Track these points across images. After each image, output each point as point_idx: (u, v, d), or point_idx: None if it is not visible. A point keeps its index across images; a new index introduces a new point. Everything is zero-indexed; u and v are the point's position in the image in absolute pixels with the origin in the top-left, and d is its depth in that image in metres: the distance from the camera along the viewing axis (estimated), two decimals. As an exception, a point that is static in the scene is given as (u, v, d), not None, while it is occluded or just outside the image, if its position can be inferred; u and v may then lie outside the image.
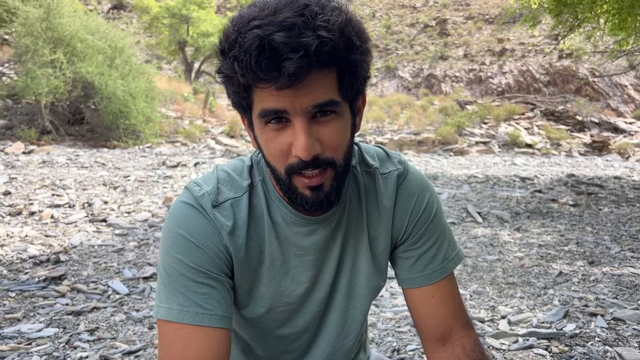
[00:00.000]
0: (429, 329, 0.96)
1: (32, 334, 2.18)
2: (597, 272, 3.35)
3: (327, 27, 0.69)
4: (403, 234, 0.96)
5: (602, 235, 4.45)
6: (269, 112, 0.74)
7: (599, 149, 14.51)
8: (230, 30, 0.72)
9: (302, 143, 0.73)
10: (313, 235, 0.89)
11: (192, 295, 0.81)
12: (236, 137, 12.79)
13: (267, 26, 0.68)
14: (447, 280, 0.96)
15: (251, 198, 0.88)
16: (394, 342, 2.23)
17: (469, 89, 25.54)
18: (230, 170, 0.91)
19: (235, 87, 0.75)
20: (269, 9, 0.70)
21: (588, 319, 2.53)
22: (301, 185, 0.79)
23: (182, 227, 0.83)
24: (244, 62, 0.69)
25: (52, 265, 3.02)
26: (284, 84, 0.69)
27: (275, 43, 0.67)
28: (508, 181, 7.75)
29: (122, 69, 11.86)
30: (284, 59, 0.67)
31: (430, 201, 0.96)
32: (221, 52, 0.74)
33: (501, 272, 3.34)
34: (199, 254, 0.82)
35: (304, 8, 0.69)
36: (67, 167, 7.26)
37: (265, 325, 0.95)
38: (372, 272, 0.96)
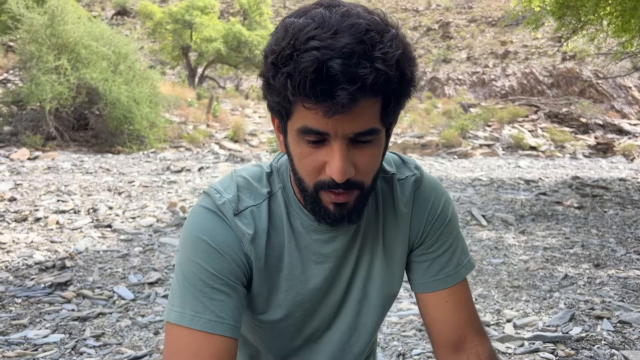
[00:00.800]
0: (442, 336, 0.95)
1: (38, 340, 2.19)
2: (602, 275, 3.34)
3: (384, 59, 0.68)
4: (419, 238, 0.96)
5: (607, 237, 4.43)
6: (311, 132, 0.73)
7: (603, 151, 14.46)
8: (285, 43, 0.70)
9: (339, 167, 0.74)
10: (333, 243, 0.89)
11: (207, 301, 0.80)
12: (240, 142, 12.81)
13: (326, 50, 0.67)
14: (460, 285, 0.96)
15: (270, 205, 0.89)
16: (399, 346, 2.23)
17: (472, 91, 25.52)
18: (249, 177, 0.91)
19: (279, 99, 0.74)
20: (328, 28, 0.69)
21: (594, 322, 2.52)
22: (327, 200, 0.79)
23: (204, 232, 0.83)
24: (297, 82, 0.68)
25: (58, 271, 3.03)
26: (333, 111, 0.69)
27: (334, 71, 0.66)
28: (512, 184, 7.73)
29: (126, 74, 11.92)
30: (340, 88, 0.67)
31: (446, 206, 0.97)
32: (272, 64, 0.72)
33: (506, 275, 3.33)
34: (219, 260, 0.82)
35: (364, 34, 0.68)
36: (71, 173, 7.29)
37: (282, 329, 0.95)
38: (386, 278, 0.96)
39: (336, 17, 0.70)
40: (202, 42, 22.26)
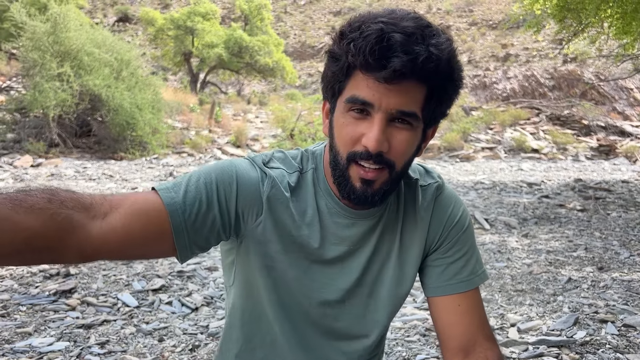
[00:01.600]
0: (452, 340, 0.96)
1: (43, 348, 2.20)
2: (606, 278, 3.34)
3: (438, 47, 0.76)
4: (436, 243, 0.99)
5: (610, 240, 4.43)
6: (358, 100, 0.80)
7: (605, 153, 14.44)
8: (356, 19, 0.80)
9: (375, 136, 0.79)
10: (351, 228, 0.93)
11: (189, 196, 0.81)
12: (242, 147, 12.84)
13: (391, 25, 0.75)
14: (473, 293, 0.98)
15: (299, 179, 0.93)
16: (403, 351, 2.23)
17: (473, 94, 25.52)
18: (287, 153, 0.97)
19: (338, 68, 0.81)
20: (396, 15, 0.78)
21: (598, 326, 2.52)
22: (355, 175, 0.83)
23: (231, 163, 0.89)
24: (359, 45, 0.75)
25: (62, 278, 3.04)
26: (386, 76, 0.75)
27: (393, 40, 0.74)
28: (515, 187, 7.73)
29: (128, 81, 11.96)
30: (395, 55, 0.74)
31: (464, 215, 1.00)
32: (341, 33, 0.80)
33: (510, 279, 3.33)
34: (231, 189, 0.85)
35: (425, 26, 0.77)
36: (75, 180, 7.31)
37: (295, 288, 0.94)
38: (398, 278, 0.98)
39: (403, 12, 0.80)
40: (203, 48, 22.33)
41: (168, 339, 2.34)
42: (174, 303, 2.75)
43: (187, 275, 3.17)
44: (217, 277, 3.19)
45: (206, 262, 3.49)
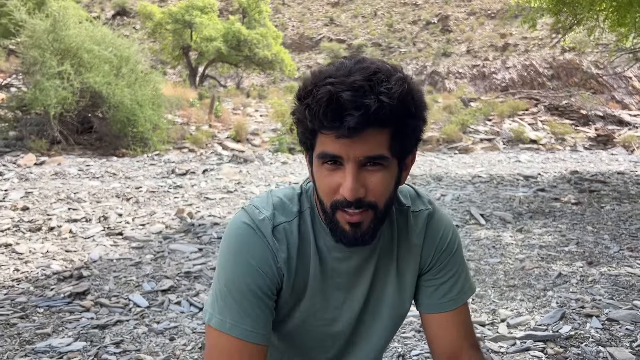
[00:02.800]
0: (441, 348, 1.09)
1: (62, 348, 2.34)
2: (595, 273, 3.48)
3: (388, 94, 0.82)
4: (428, 265, 1.09)
5: (602, 234, 4.57)
6: (327, 155, 0.88)
7: (603, 143, 14.55)
8: (309, 82, 0.87)
9: (349, 185, 0.87)
10: (348, 262, 1.02)
11: (245, 313, 0.94)
12: (242, 142, 12.95)
13: (339, 85, 0.82)
14: (461, 308, 1.10)
15: (300, 223, 1.02)
16: (399, 347, 2.37)
17: (472, 84, 25.58)
18: (282, 197, 1.04)
19: (304, 129, 0.90)
20: (344, 70, 0.85)
21: (584, 320, 2.66)
22: (342, 220, 0.92)
23: (245, 250, 0.96)
24: (314, 110, 0.84)
25: (76, 280, 3.19)
26: (343, 134, 0.83)
27: (342, 100, 0.81)
28: (512, 180, 7.86)
29: (128, 77, 12.05)
30: (347, 114, 0.81)
31: (453, 239, 1.10)
32: (298, 98, 0.89)
33: (502, 275, 3.48)
34: (257, 276, 0.95)
35: (373, 74, 0.83)
36: (79, 179, 7.45)
37: (298, 341, 1.08)
38: (397, 300, 1.09)
39: (352, 63, 0.86)
40: (202, 42, 22.36)
41: (179, 337, 2.49)
42: (182, 303, 2.90)
43: (194, 276, 3.32)
44: (223, 276, 3.34)
45: (211, 262, 3.64)
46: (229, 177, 7.67)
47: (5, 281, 3.19)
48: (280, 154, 11.38)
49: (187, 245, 4.02)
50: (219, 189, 6.64)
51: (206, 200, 5.92)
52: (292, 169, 9.08)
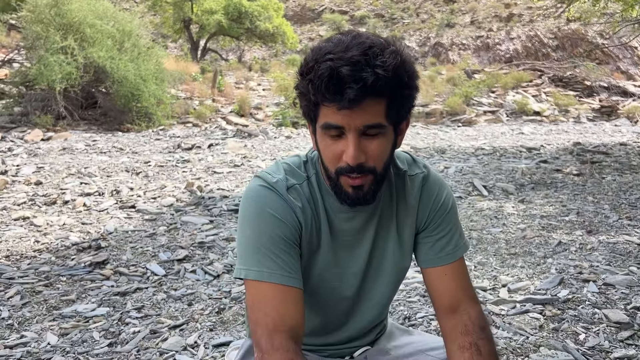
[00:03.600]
0: (441, 301, 1.19)
1: (87, 313, 2.49)
2: (594, 241, 3.60)
3: (383, 67, 0.90)
4: (424, 223, 1.19)
5: (602, 204, 4.67)
6: (330, 126, 0.96)
7: (607, 114, 14.54)
8: (310, 58, 0.94)
9: (351, 152, 0.96)
10: (352, 222, 1.12)
11: (280, 261, 1.04)
12: (246, 116, 13.00)
13: (338, 60, 0.90)
14: (457, 263, 1.19)
15: (309, 186, 1.12)
16: (405, 310, 2.51)
17: (476, 56, 25.35)
18: (291, 163, 1.14)
19: (307, 102, 0.97)
20: (341, 45, 0.92)
21: (581, 285, 2.79)
22: (345, 184, 1.02)
23: (267, 205, 1.06)
24: (316, 85, 0.92)
25: (94, 251, 3.32)
26: (344, 106, 0.91)
27: (342, 74, 0.89)
28: (514, 152, 7.94)
29: (131, 52, 12.04)
30: (347, 87, 0.89)
31: (447, 198, 1.20)
32: (300, 74, 0.97)
33: (504, 244, 3.60)
34: (283, 227, 1.06)
35: (368, 49, 0.91)
36: (87, 154, 7.56)
37: (314, 298, 1.18)
38: (399, 254, 1.19)
39: (349, 39, 0.93)
40: (203, 15, 22.15)
41: (196, 303, 2.62)
42: (197, 271, 3.04)
43: (208, 246, 3.46)
44: (235, 247, 3.48)
45: (223, 233, 3.77)
46: (235, 151, 7.76)
47: (27, 252, 3.33)
48: (284, 128, 11.44)
49: (198, 218, 4.14)
50: (226, 163, 6.74)
51: (214, 174, 6.03)
52: (296, 143, 9.16)
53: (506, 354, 2.08)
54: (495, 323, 2.36)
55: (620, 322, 2.33)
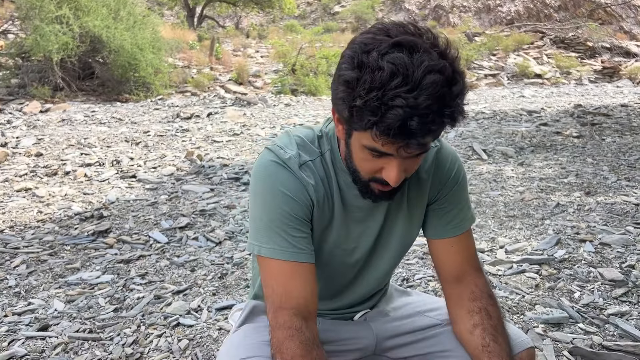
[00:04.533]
0: (447, 272, 1.21)
1: (92, 280, 2.54)
2: (591, 202, 3.63)
3: (451, 117, 0.87)
4: (435, 196, 1.20)
5: (601, 166, 4.68)
6: (378, 152, 0.92)
7: (609, 75, 14.38)
8: (373, 95, 0.84)
9: (395, 176, 0.95)
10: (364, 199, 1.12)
11: (290, 238, 1.06)
12: (244, 84, 12.88)
13: (409, 109, 0.83)
14: (464, 235, 1.21)
15: (322, 163, 1.11)
16: (404, 272, 2.55)
17: (477, 18, 24.92)
18: (304, 137, 1.12)
19: (357, 117, 0.88)
20: (412, 85, 0.83)
21: (578, 245, 2.83)
22: (375, 188, 1.03)
23: (278, 183, 1.05)
24: (381, 130, 0.85)
25: (97, 220, 3.36)
26: (404, 149, 0.89)
27: (413, 128, 0.84)
28: (515, 115, 7.90)
29: (126, 20, 11.86)
30: (413, 138, 0.86)
31: (458, 171, 1.20)
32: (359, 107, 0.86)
33: (503, 206, 3.63)
34: (294, 204, 1.06)
35: (439, 90, 0.84)
36: (86, 125, 7.54)
37: (324, 269, 1.20)
38: (407, 230, 1.21)
39: (419, 70, 0.84)
40: (198, -20, 21.72)
41: (199, 269, 2.67)
42: (199, 238, 3.08)
43: (209, 214, 3.49)
44: (236, 214, 3.51)
45: (224, 200, 3.80)
46: (234, 119, 7.73)
47: (30, 222, 3.38)
48: (283, 95, 11.36)
49: (199, 186, 4.17)
50: (225, 131, 6.73)
51: (214, 143, 6.03)
52: (295, 111, 9.12)
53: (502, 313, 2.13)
54: (492, 283, 2.41)
55: (614, 280, 2.37)
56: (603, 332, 2.00)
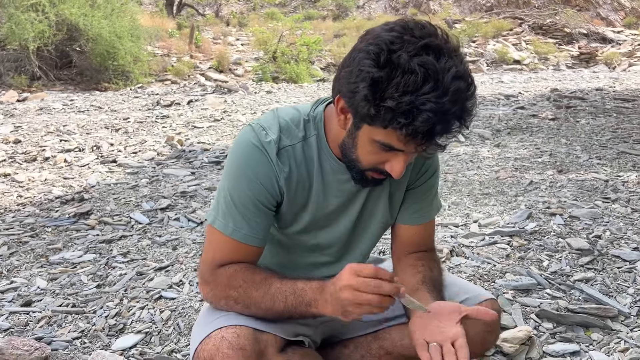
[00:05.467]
0: (401, 249, 1.31)
1: (75, 259, 2.57)
2: (563, 179, 3.74)
3: (467, 122, 0.95)
4: (412, 184, 1.27)
5: (574, 146, 4.81)
6: (391, 148, 0.98)
7: (586, 61, 14.62)
8: (406, 99, 0.88)
9: (400, 170, 1.01)
10: (347, 183, 1.17)
11: (246, 219, 1.11)
12: (225, 72, 12.81)
13: (437, 115, 0.89)
14: (428, 223, 1.31)
15: (303, 147, 1.13)
16: (380, 246, 2.63)
17: (457, 5, 25.00)
18: (289, 120, 1.14)
19: (376, 113, 0.92)
20: (441, 91, 0.89)
21: (548, 218, 2.93)
22: (370, 175, 1.09)
23: (250, 167, 1.09)
24: (409, 132, 0.91)
25: (78, 203, 3.38)
26: (417, 143, 0.94)
27: (436, 131, 0.91)
28: (493, 99, 8.02)
29: (104, 8, 11.70)
30: (433, 139, 0.93)
31: (435, 163, 1.28)
32: (390, 108, 0.90)
33: (478, 185, 3.73)
34: (260, 191, 1.10)
35: (464, 100, 0.92)
36: (65, 113, 7.48)
37: (303, 244, 1.26)
38: (386, 214, 1.27)
39: (447, 76, 0.89)
40: (177, -32, 21.42)
41: (180, 247, 2.72)
42: (181, 219, 3.12)
43: (190, 195, 3.53)
44: (216, 195, 3.55)
45: (205, 183, 3.83)
46: (215, 107, 7.72)
47: (10, 206, 3.38)
48: (264, 82, 11.35)
49: (180, 170, 4.20)
50: (206, 117, 6.73)
51: (194, 128, 6.03)
52: (277, 98, 9.13)
53: (473, 280, 2.22)
54: (464, 254, 2.50)
55: (581, 249, 2.48)
56: (569, 297, 2.09)
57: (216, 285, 1.13)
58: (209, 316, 1.14)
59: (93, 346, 1.83)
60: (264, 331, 1.07)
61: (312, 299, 1.03)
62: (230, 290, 1.10)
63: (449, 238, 2.70)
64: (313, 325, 1.24)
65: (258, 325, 1.07)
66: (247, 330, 1.05)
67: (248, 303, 1.09)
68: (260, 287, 1.08)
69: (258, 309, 1.08)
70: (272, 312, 1.07)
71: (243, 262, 1.14)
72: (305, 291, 1.04)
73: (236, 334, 1.03)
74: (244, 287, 1.09)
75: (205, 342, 1.04)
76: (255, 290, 1.08)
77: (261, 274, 1.11)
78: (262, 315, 1.09)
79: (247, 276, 1.10)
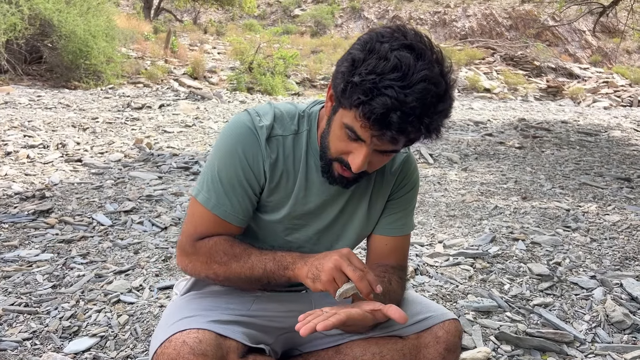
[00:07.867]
0: (374, 261, 1.30)
1: (31, 258, 2.47)
2: (527, 206, 3.83)
3: (428, 127, 0.94)
4: (391, 197, 1.28)
5: (539, 174, 4.95)
6: (354, 132, 0.98)
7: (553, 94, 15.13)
8: (371, 77, 0.90)
9: (359, 163, 1.01)
10: (329, 184, 1.16)
11: (229, 197, 1.12)
12: (199, 79, 12.73)
13: (396, 102, 0.89)
14: (402, 238, 1.30)
15: (294, 141, 1.15)
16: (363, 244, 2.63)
17: (433, 32, 25.61)
18: (285, 112, 1.16)
19: (348, 95, 0.95)
20: (407, 82, 0.90)
21: (511, 243, 3.00)
22: (336, 170, 1.09)
23: (241, 146, 1.11)
24: (365, 111, 0.92)
25: (38, 200, 3.27)
26: (374, 135, 0.95)
27: (392, 121, 0.91)
28: (462, 125, 8.20)
29: (80, 6, 11.50)
30: (388, 130, 0.93)
31: (415, 180, 1.30)
32: (354, 83, 0.92)
33: (444, 207, 3.78)
34: (247, 171, 1.12)
35: (428, 99, 0.91)
36: (31, 109, 7.27)
37: (275, 230, 1.24)
38: (364, 223, 1.27)
39: (418, 75, 0.90)
40: (158, -28, 21.29)
41: (142, 252, 2.66)
42: (145, 223, 3.05)
43: (156, 199, 3.46)
44: (183, 201, 3.50)
45: (172, 188, 3.77)
46: (187, 113, 7.65)
47: (-35, 200, 3.25)
48: (238, 92, 11.31)
49: (146, 173, 4.12)
50: (177, 122, 6.65)
51: (164, 133, 5.95)
52: (250, 107, 9.09)
53: (436, 299, 2.24)
54: (428, 273, 2.52)
55: (542, 275, 2.53)
56: (528, 321, 2.13)
57: (197, 257, 1.14)
58: (172, 317, 1.12)
59: (44, 348, 1.76)
60: (226, 337, 1.05)
61: (290, 262, 1.08)
62: (213, 263, 1.13)
63: (414, 257, 2.72)
64: (274, 334, 1.22)
65: (221, 330, 1.05)
66: (209, 335, 1.02)
67: (229, 274, 1.12)
68: (241, 258, 1.12)
69: (238, 279, 1.12)
70: (251, 279, 1.11)
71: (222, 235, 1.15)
72: (284, 257, 1.10)
73: (198, 340, 1.01)
74: (225, 260, 1.12)
75: (166, 346, 1.01)
76: (235, 262, 1.11)
77: (241, 246, 1.14)
78: (241, 285, 1.15)
79: (227, 248, 1.13)
